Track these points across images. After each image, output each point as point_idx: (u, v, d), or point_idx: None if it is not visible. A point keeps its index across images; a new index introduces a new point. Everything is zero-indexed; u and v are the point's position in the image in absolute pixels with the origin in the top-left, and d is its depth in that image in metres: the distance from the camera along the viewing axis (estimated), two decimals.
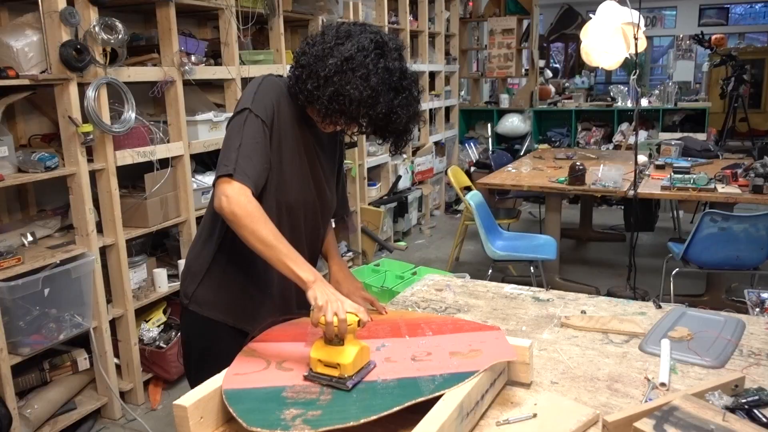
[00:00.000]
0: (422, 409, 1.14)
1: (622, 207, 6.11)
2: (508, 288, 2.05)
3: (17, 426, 2.49)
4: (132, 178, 3.20)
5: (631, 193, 3.80)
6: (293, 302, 1.53)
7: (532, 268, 3.75)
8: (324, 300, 1.27)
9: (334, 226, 4.37)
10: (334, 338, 1.26)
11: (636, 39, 3.78)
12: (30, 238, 2.74)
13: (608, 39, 4.58)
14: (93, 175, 2.81)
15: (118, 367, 3.01)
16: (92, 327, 2.80)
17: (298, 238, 1.56)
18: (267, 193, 1.49)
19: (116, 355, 3.00)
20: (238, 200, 1.35)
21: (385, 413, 1.13)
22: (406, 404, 1.15)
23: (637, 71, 3.76)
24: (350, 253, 4.96)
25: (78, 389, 2.90)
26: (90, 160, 2.79)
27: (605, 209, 6.94)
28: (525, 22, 7.46)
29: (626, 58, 4.70)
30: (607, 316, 1.76)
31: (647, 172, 4.37)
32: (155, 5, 3.05)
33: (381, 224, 5.23)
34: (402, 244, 5.67)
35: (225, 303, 1.57)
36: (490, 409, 1.30)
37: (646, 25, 11.81)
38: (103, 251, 2.90)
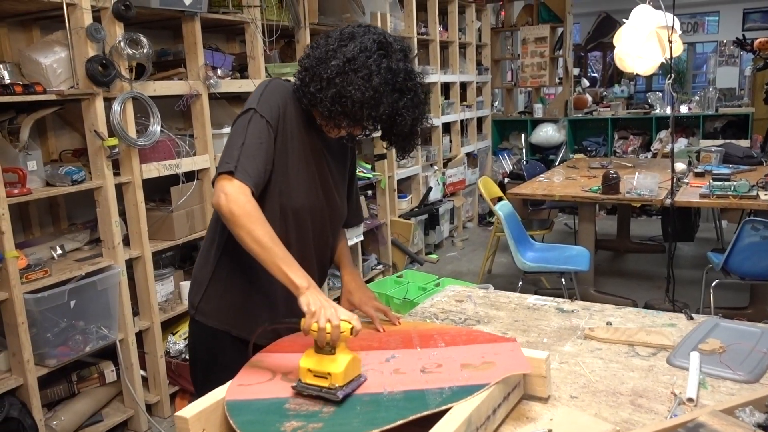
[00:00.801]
0: (431, 423, 1.09)
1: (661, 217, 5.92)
2: (532, 299, 1.98)
3: None
4: (160, 191, 3.23)
5: (668, 201, 3.66)
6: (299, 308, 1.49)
7: (563, 280, 3.63)
8: (317, 306, 1.24)
9: (364, 238, 4.25)
10: (326, 346, 1.22)
11: (670, 42, 3.67)
12: (59, 251, 2.79)
13: (642, 44, 4.45)
14: (120, 188, 2.85)
15: (145, 379, 3.03)
16: (118, 339, 2.82)
17: (306, 245, 1.53)
18: (272, 198, 1.47)
19: (143, 367, 3.02)
20: (237, 199, 1.32)
21: (388, 427, 1.08)
22: (411, 418, 1.11)
23: (672, 75, 3.64)
24: (380, 266, 4.92)
25: (105, 401, 2.92)
26: (116, 174, 2.82)
27: (644, 220, 6.74)
28: (558, 31, 7.35)
29: (662, 63, 4.57)
30: (634, 328, 1.67)
31: (686, 180, 4.22)
32: (181, 20, 3.09)
33: (411, 237, 5.18)
34: (433, 256, 5.60)
35: (229, 310, 1.55)
36: (504, 425, 1.24)
37: (686, 31, 11.58)
38: (131, 264, 2.93)
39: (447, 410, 1.12)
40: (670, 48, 3.67)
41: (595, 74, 12.49)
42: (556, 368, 1.48)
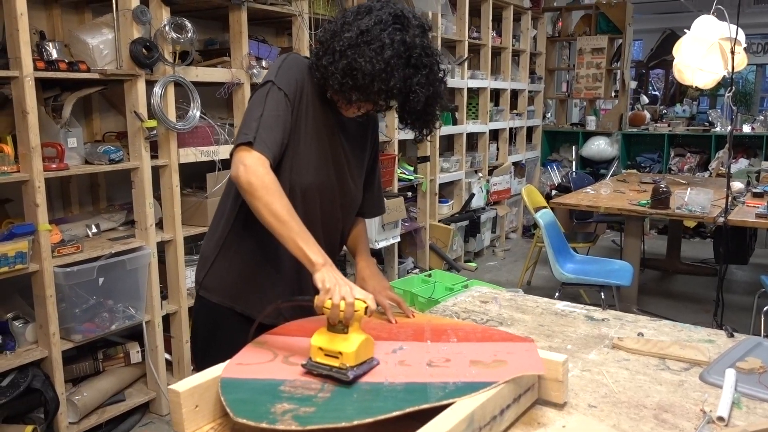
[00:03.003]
0: (433, 417, 1.02)
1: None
2: (560, 305, 1.87)
3: (64, 411, 2.53)
4: (198, 179, 3.25)
5: (721, 219, 3.47)
6: (307, 287, 1.44)
7: (602, 294, 3.48)
8: (332, 283, 1.20)
9: (401, 240, 4.16)
10: (338, 324, 1.17)
11: (732, 53, 3.48)
12: (94, 230, 2.83)
13: (703, 56, 4.26)
14: (156, 171, 2.87)
15: (169, 363, 3.03)
16: (145, 321, 2.83)
17: (314, 225, 1.48)
18: (282, 174, 1.42)
19: (168, 351, 3.02)
20: (256, 170, 1.29)
21: (382, 417, 1.02)
22: (408, 410, 1.03)
23: (732, 87, 3.45)
24: (416, 270, 4.84)
25: (129, 382, 2.93)
26: (154, 156, 2.84)
27: (698, 242, 6.46)
28: (617, 42, 7.14)
29: (724, 77, 4.36)
30: (667, 341, 1.56)
31: (742, 200, 4.00)
32: (228, 9, 3.11)
33: (450, 242, 5.08)
34: (472, 264, 5.49)
35: (234, 286, 1.51)
36: (513, 428, 1.15)
37: (756, 52, 11.08)
38: (163, 247, 2.94)
39: (449, 406, 1.05)
40: (732, 59, 3.48)
41: (656, 92, 12.10)
42: (577, 375, 1.38)
